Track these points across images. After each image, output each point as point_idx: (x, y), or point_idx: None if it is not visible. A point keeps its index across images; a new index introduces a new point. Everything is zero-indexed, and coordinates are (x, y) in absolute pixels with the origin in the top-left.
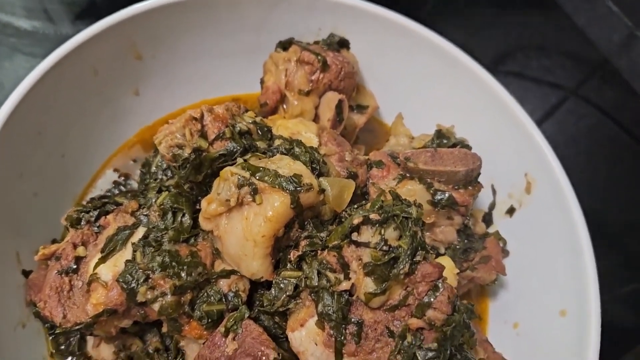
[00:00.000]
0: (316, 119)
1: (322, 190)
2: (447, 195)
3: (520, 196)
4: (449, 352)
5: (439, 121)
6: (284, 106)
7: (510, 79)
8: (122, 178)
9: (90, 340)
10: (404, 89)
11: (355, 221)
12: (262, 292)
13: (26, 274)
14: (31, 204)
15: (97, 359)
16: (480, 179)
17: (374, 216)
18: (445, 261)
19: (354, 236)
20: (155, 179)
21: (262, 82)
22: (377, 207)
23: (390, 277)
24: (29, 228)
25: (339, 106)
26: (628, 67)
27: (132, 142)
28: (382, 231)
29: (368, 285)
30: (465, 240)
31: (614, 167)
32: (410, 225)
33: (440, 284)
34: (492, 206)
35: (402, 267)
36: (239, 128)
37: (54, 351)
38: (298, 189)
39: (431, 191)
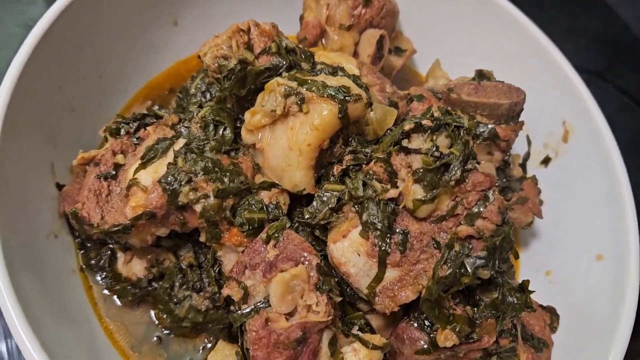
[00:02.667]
0: (355, 56)
1: (369, 104)
2: (489, 127)
3: (557, 145)
4: (497, 263)
5: (475, 68)
6: (323, 41)
7: None
8: (157, 107)
9: (121, 257)
10: (441, 36)
11: (407, 127)
12: (302, 209)
13: (59, 187)
14: (68, 119)
15: (127, 275)
16: (523, 124)
17: (426, 122)
18: None
19: (405, 143)
20: (195, 100)
21: (301, 18)
22: (428, 115)
23: (440, 184)
24: (65, 142)
25: (380, 42)
26: None
27: (167, 74)
28: (434, 138)
29: (417, 192)
30: (504, 179)
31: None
32: (462, 134)
33: (490, 194)
34: (527, 157)
35: (453, 173)
36: (285, 44)
37: (84, 266)
38: (347, 98)
39: (474, 132)
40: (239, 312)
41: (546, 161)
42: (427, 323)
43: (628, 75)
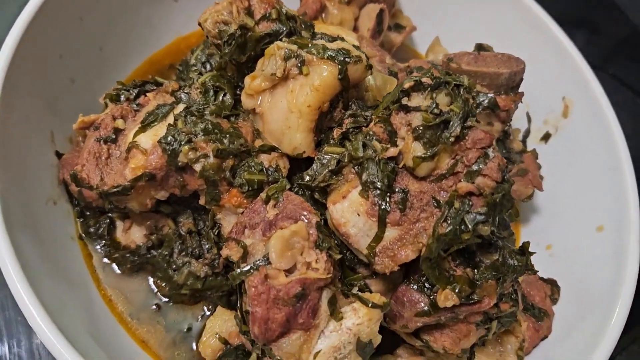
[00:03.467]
0: (355, 31)
1: (369, 66)
2: (489, 96)
3: (557, 121)
4: (497, 221)
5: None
6: (323, 16)
7: None
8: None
9: (119, 225)
10: (440, 14)
11: (407, 85)
12: (302, 174)
13: (59, 155)
14: (69, 89)
15: (126, 243)
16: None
17: (426, 80)
18: None
19: (404, 101)
20: (195, 69)
21: None
22: (428, 74)
23: (440, 141)
24: (65, 111)
25: (380, 16)
26: None
27: (167, 50)
28: (434, 96)
29: (417, 149)
30: (504, 151)
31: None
32: (462, 92)
33: (490, 152)
34: (527, 133)
35: (453, 130)
36: (285, 11)
37: (83, 234)
38: (347, 59)
39: (473, 93)
40: (238, 270)
41: (546, 137)
42: (427, 285)
43: (628, 67)
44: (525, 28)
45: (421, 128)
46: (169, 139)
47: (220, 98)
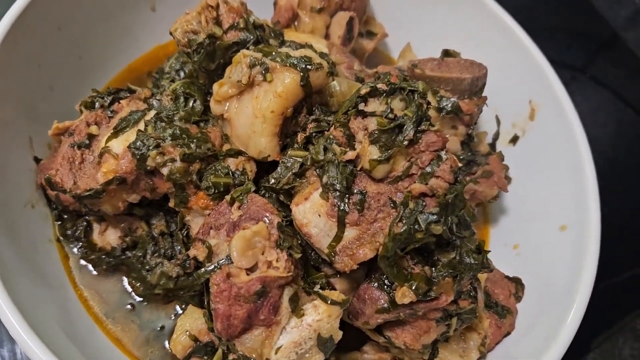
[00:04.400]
0: (326, 38)
1: (331, 73)
2: (452, 101)
3: (524, 124)
4: (449, 220)
5: None
6: (296, 24)
7: None
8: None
9: (96, 228)
10: (412, 21)
11: (363, 91)
12: (267, 177)
13: (37, 160)
14: (47, 96)
15: (102, 245)
16: (484, 110)
17: (381, 86)
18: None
19: (361, 106)
20: (168, 77)
21: (275, 4)
22: (385, 80)
23: (394, 144)
24: (43, 118)
25: (350, 23)
26: (634, 39)
27: (145, 58)
28: (389, 101)
29: (373, 152)
30: (469, 153)
31: (621, 146)
32: (416, 97)
33: (443, 154)
34: (496, 136)
35: (406, 134)
36: (253, 20)
37: (60, 237)
38: (308, 67)
39: (437, 98)
40: (203, 269)
41: (514, 140)
42: (387, 283)
43: (609, 70)
44: (493, 34)
45: (377, 132)
46: (138, 144)
47: (191, 104)
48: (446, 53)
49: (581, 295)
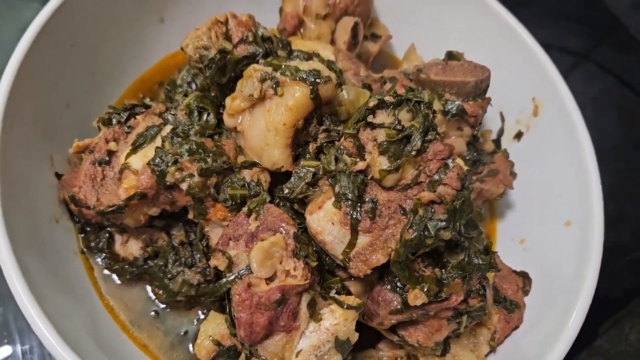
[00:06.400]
0: (332, 43)
1: (339, 84)
2: (457, 104)
3: (528, 120)
4: (458, 225)
5: (449, 50)
6: (302, 31)
7: None
8: (148, 99)
9: (118, 239)
10: (414, 21)
11: (371, 104)
12: (282, 186)
13: (59, 176)
14: (64, 114)
15: (124, 255)
16: (489, 108)
17: (388, 99)
18: (457, 160)
19: (370, 118)
20: (181, 90)
21: (281, 11)
22: (392, 92)
23: (403, 154)
24: (62, 135)
25: (355, 29)
26: (636, 25)
27: (156, 68)
28: (396, 113)
29: (382, 163)
30: (475, 153)
31: (626, 131)
32: (422, 108)
33: (450, 162)
34: (501, 132)
35: (414, 144)
36: (261, 33)
37: (84, 249)
38: (317, 80)
39: (442, 101)
40: (224, 279)
41: (519, 136)
42: (399, 285)
43: (612, 56)
44: (496, 33)
45: (385, 143)
46: (157, 160)
47: (205, 118)
48: (450, 55)
49: (586, 290)
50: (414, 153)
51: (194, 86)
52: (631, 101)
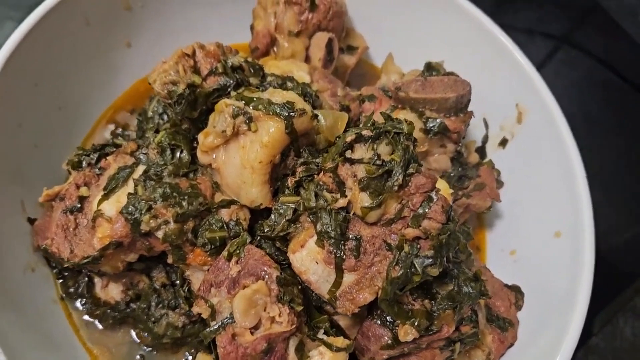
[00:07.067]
0: (307, 60)
1: (315, 116)
2: (438, 122)
3: (512, 127)
4: (445, 260)
5: (429, 59)
6: (275, 49)
7: None
8: (120, 129)
9: (98, 282)
10: (392, 29)
11: (348, 139)
12: (262, 222)
13: (31, 221)
14: (33, 155)
15: (105, 299)
16: (472, 114)
17: (366, 132)
18: (440, 184)
19: (348, 154)
20: (152, 124)
21: (252, 28)
22: (369, 124)
23: (384, 190)
24: (32, 178)
25: (329, 45)
26: (616, 7)
27: (127, 95)
28: (375, 147)
29: (364, 199)
30: (459, 169)
31: (609, 113)
32: (402, 140)
33: (433, 195)
34: (485, 139)
35: (395, 179)
36: (230, 63)
37: (63, 295)
38: (291, 114)
39: (423, 119)
40: (208, 329)
41: (503, 143)
42: (389, 319)
43: (594, 38)
44: (476, 40)
45: (365, 179)
46: (130, 208)
47: (178, 155)
48: (429, 67)
49: (580, 305)
50: (395, 188)
51: (165, 117)
52: (614, 82)
